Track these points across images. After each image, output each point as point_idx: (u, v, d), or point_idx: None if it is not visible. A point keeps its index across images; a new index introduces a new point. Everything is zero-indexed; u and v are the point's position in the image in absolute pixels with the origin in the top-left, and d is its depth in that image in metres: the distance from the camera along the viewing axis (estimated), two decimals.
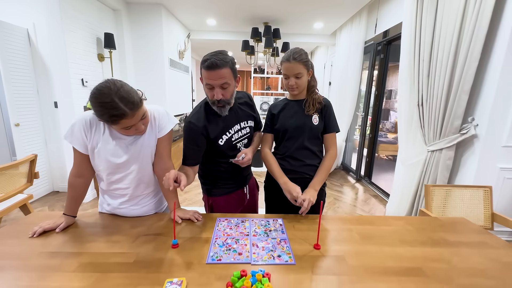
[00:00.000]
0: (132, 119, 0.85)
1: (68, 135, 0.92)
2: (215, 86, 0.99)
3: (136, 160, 0.98)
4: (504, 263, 0.82)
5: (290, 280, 0.72)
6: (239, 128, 1.17)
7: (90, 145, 0.93)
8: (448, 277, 0.75)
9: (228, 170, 1.20)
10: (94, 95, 0.81)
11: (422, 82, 1.99)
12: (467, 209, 1.53)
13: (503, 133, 1.70)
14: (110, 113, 0.81)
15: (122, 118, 0.82)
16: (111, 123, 0.84)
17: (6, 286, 0.67)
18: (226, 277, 0.72)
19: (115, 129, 0.91)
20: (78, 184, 0.99)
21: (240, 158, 1.10)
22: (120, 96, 0.80)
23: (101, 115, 0.83)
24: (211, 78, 0.97)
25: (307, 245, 0.89)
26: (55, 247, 0.85)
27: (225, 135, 1.12)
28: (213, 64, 0.94)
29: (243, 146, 1.20)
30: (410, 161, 2.21)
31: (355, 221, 1.08)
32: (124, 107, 0.81)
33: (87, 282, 0.69)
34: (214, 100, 1.03)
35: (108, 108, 0.80)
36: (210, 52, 0.99)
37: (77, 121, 0.91)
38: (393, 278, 0.74)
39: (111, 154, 0.94)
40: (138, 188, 1.04)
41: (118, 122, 0.83)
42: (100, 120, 0.87)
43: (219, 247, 0.87)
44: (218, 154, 1.16)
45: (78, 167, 0.98)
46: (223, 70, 0.96)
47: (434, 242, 0.94)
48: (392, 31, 2.85)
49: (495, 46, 1.64)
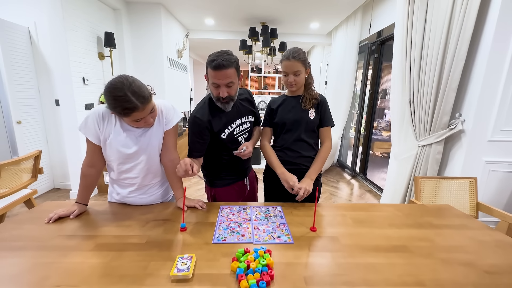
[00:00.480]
0: (142, 112, 0.92)
1: (82, 127, 0.98)
2: (221, 85, 1.05)
3: (145, 150, 1.05)
4: (480, 241, 0.91)
5: (289, 256, 0.80)
6: (240, 122, 1.24)
7: (102, 137, 0.99)
8: (430, 253, 0.83)
9: (229, 162, 1.27)
10: (108, 89, 0.88)
11: (413, 80, 2.09)
12: (454, 199, 1.62)
13: (488, 128, 1.80)
14: (123, 106, 0.88)
15: (133, 111, 0.89)
16: (123, 115, 0.91)
17: (31, 263, 0.74)
18: (231, 254, 0.80)
19: (126, 121, 0.98)
20: (90, 174, 1.06)
21: (242, 151, 1.18)
22: (132, 90, 0.87)
23: (114, 108, 0.90)
24: (218, 78, 1.04)
25: (304, 228, 0.97)
26: (71, 231, 0.92)
27: (227, 129, 1.20)
28: (220, 65, 1.01)
29: (243, 139, 1.28)
30: (403, 156, 2.31)
31: (349, 208, 1.17)
32: (136, 100, 0.88)
33: (104, 259, 0.76)
34: (219, 97, 1.09)
35: (121, 101, 0.87)
36: (216, 52, 1.06)
37: (90, 114, 0.98)
38: (381, 254, 0.82)
39: (122, 145, 1.01)
40: (146, 178, 1.11)
41: (130, 114, 0.90)
42: (112, 112, 0.93)
43: (223, 230, 0.95)
44: (221, 147, 1.23)
45: (90, 158, 1.04)
46: (229, 70, 1.03)
47: (419, 225, 1.02)
48: (385, 31, 2.95)
49: (480, 46, 1.74)
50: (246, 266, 0.72)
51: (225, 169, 1.30)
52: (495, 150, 1.84)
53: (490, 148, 1.84)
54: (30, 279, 0.67)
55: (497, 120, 1.78)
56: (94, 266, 0.73)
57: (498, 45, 1.66)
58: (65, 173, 3.01)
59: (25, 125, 2.69)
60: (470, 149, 1.85)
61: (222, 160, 1.27)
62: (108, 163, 1.08)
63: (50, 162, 3.02)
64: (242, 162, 1.31)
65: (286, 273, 0.72)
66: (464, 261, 0.79)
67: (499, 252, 0.85)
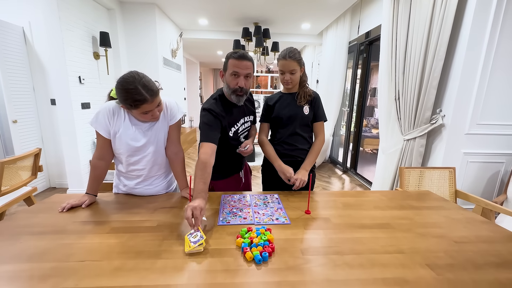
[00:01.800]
0: (151, 105, 0.99)
1: (93, 121, 1.06)
2: (241, 74, 1.13)
3: (152, 143, 1.13)
4: (453, 219, 1.03)
5: (287, 233, 0.90)
6: (243, 121, 1.33)
7: (112, 131, 1.07)
8: (409, 228, 0.95)
9: (230, 159, 1.36)
10: (121, 83, 0.96)
11: (398, 78, 2.23)
12: (436, 187, 1.77)
13: (466, 122, 1.96)
14: (134, 98, 0.95)
15: (143, 103, 0.97)
16: (133, 107, 0.98)
17: (54, 243, 0.81)
18: (235, 233, 0.89)
19: (135, 114, 1.05)
20: (100, 166, 1.13)
21: (244, 149, 1.27)
22: (143, 84, 0.95)
23: (125, 100, 0.97)
24: (240, 67, 1.12)
25: (299, 211, 1.08)
26: (85, 217, 0.99)
27: (234, 127, 1.27)
28: (244, 56, 1.12)
29: (243, 138, 1.37)
30: (390, 150, 2.46)
31: (339, 195, 1.28)
32: (145, 93, 0.95)
33: (121, 239, 0.84)
34: (236, 88, 1.15)
35: (132, 93, 0.94)
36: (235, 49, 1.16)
37: (101, 110, 1.05)
38: (367, 230, 0.93)
39: (131, 138, 1.08)
40: (153, 169, 1.19)
41: (139, 106, 0.97)
42: (122, 105, 1.01)
43: (226, 214, 1.04)
44: (224, 145, 1.28)
45: (100, 151, 1.11)
46: (250, 63, 1.14)
47: (401, 207, 1.15)
48: (373, 32, 3.10)
49: (457, 47, 1.89)
50: (249, 241, 0.81)
51: (224, 164, 1.38)
52: (472, 142, 2.00)
53: (468, 140, 2.00)
54: (56, 256, 0.75)
55: (474, 115, 1.94)
56: (112, 245, 0.81)
57: (473, 46, 1.82)
58: (62, 173, 3.02)
59: (21, 125, 2.69)
60: (449, 142, 2.00)
61: (223, 156, 1.33)
62: (117, 156, 1.15)
63: (46, 161, 3.03)
64: (240, 157, 1.40)
65: (285, 246, 0.82)
66: (437, 234, 0.92)
67: (468, 227, 0.97)
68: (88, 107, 2.88)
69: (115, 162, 1.21)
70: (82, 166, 2.82)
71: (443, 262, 0.76)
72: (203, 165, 1.04)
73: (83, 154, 2.83)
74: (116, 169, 1.22)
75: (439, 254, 0.79)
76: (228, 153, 1.33)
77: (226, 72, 1.17)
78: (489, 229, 0.96)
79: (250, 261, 0.74)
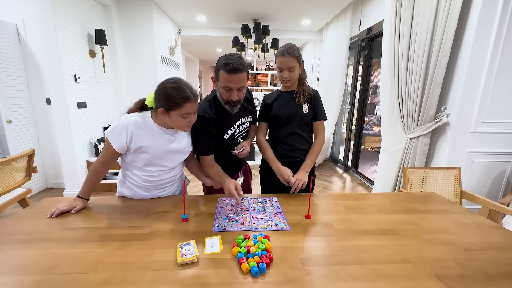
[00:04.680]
0: (193, 106, 0.98)
1: (110, 133, 1.01)
2: (233, 89, 1.06)
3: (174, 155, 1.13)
4: (461, 223, 0.98)
5: (286, 240, 0.86)
6: (241, 123, 1.27)
7: (133, 146, 1.03)
8: (415, 234, 0.90)
9: (227, 161, 1.30)
10: (164, 84, 0.97)
11: (401, 75, 2.17)
12: (440, 188, 1.72)
13: (471, 120, 1.90)
14: (180, 95, 0.94)
15: (187, 102, 0.96)
16: (178, 105, 0.95)
17: (39, 254, 0.76)
18: (231, 241, 0.84)
19: (173, 117, 0.98)
20: (102, 171, 1.09)
21: (240, 151, 1.22)
22: (186, 84, 0.99)
23: (170, 98, 0.94)
24: (232, 81, 1.04)
25: (299, 216, 1.03)
26: (75, 224, 0.94)
27: (230, 130, 1.22)
28: (235, 69, 1.01)
29: (241, 139, 1.31)
30: (392, 149, 2.40)
31: (341, 197, 1.23)
32: (190, 92, 0.97)
33: (110, 248, 0.80)
34: (229, 100, 1.10)
35: (179, 90, 0.95)
36: (227, 54, 1.06)
37: (121, 124, 1.00)
38: (371, 237, 0.88)
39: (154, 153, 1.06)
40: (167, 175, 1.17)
41: (183, 105, 0.95)
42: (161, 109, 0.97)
43: (223, 219, 0.99)
44: (221, 147, 1.24)
45: (107, 158, 1.07)
46: (243, 74, 1.05)
47: (406, 210, 1.10)
48: (375, 28, 3.02)
49: (463, 43, 1.82)
50: (246, 250, 0.76)
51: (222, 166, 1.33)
52: (477, 141, 1.94)
53: (473, 139, 1.94)
54: (39, 268, 0.70)
55: (479, 113, 1.87)
56: (101, 255, 0.76)
57: (479, 41, 1.75)
58: (58, 173, 2.98)
59: (16, 125, 2.65)
60: (454, 141, 1.94)
61: (221, 159, 1.28)
62: (132, 164, 1.11)
63: (42, 161, 2.98)
64: (238, 158, 1.35)
65: (284, 255, 0.77)
66: (446, 240, 0.87)
67: (478, 232, 0.92)
68: (84, 106, 2.82)
69: (124, 167, 1.16)
70: (78, 166, 2.77)
71: (453, 272, 0.71)
72: (209, 167, 1.19)
73: (80, 154, 2.79)
74: (125, 172, 1.16)
75: (448, 264, 0.74)
76: (225, 155, 1.28)
77: (218, 82, 1.10)
78: (500, 235, 0.91)
79: (246, 273, 0.69)
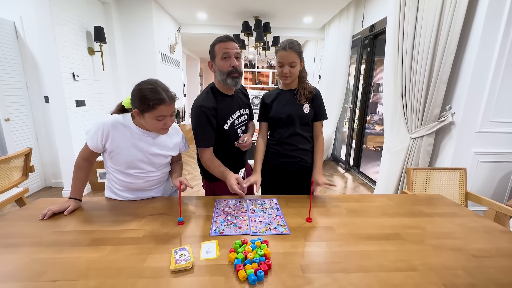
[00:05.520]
0: (168, 108, 0.97)
1: (87, 132, 1.02)
2: (231, 55, 1.11)
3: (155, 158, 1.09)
4: (469, 227, 0.94)
5: (286, 246, 0.82)
6: (239, 114, 1.25)
7: (109, 147, 1.01)
8: (421, 239, 0.86)
9: (228, 155, 1.26)
10: (139, 84, 0.96)
11: (405, 73, 2.11)
12: (445, 189, 1.67)
13: (477, 120, 1.85)
14: (155, 97, 0.93)
15: (161, 104, 0.94)
16: (151, 107, 0.93)
17: (26, 259, 0.73)
18: (229, 245, 0.81)
19: (147, 119, 0.97)
20: (84, 166, 1.07)
21: (243, 141, 1.19)
22: (162, 86, 0.97)
23: (143, 100, 0.93)
24: (229, 47, 1.11)
25: (300, 219, 0.99)
26: (66, 227, 0.91)
27: (229, 120, 1.21)
28: (229, 37, 1.12)
29: (241, 132, 1.28)
30: (395, 148, 2.35)
31: (343, 199, 1.19)
32: (165, 95, 0.95)
33: (102, 253, 0.76)
34: (231, 69, 1.12)
35: (154, 92, 0.94)
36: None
37: (100, 124, 0.99)
38: (374, 242, 0.84)
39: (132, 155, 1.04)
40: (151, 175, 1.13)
41: (157, 107, 0.94)
42: (136, 111, 0.97)
43: (220, 223, 0.96)
44: (221, 140, 1.22)
45: (88, 154, 1.05)
46: (236, 44, 1.14)
47: (411, 213, 1.06)
48: (378, 25, 2.96)
49: (470, 40, 1.77)
50: (243, 256, 0.73)
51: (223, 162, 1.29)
52: (483, 141, 1.89)
53: (479, 139, 1.89)
54: (26, 275, 0.67)
55: (486, 112, 1.82)
56: (92, 260, 0.73)
57: (486, 38, 1.70)
58: (57, 172, 2.95)
59: (14, 123, 2.62)
60: (459, 141, 1.90)
61: (221, 154, 1.25)
62: (113, 167, 1.09)
63: (41, 160, 2.96)
64: (240, 154, 1.31)
65: (283, 262, 0.73)
66: (453, 246, 0.82)
67: (486, 237, 0.88)
68: (83, 105, 2.79)
69: (108, 174, 1.14)
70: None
71: (462, 281, 0.67)
72: (210, 161, 1.17)
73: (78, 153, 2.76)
74: (110, 174, 1.14)
75: (457, 272, 0.70)
76: (226, 150, 1.26)
77: (215, 59, 1.15)
78: (510, 240, 0.87)
79: (243, 281, 0.66)
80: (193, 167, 3.91)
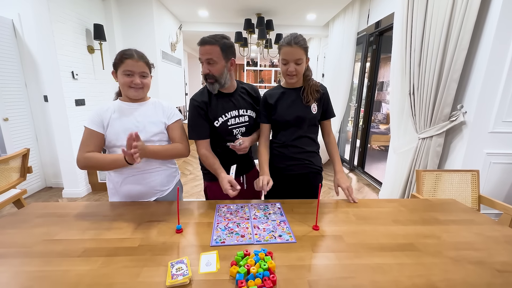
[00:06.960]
0: (135, 64, 1.02)
1: (87, 120, 1.08)
2: (203, 61, 1.08)
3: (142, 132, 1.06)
4: (488, 237, 0.87)
5: (291, 257, 0.76)
6: (237, 114, 1.18)
7: (105, 123, 1.06)
8: (438, 250, 0.80)
9: (223, 156, 1.20)
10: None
11: (413, 71, 2.03)
12: (456, 192, 1.60)
13: (490, 119, 1.77)
14: (124, 52, 1.03)
15: (128, 58, 1.02)
16: (120, 61, 1.02)
17: (12, 272, 0.68)
18: (230, 257, 0.75)
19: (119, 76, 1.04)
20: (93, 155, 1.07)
21: (237, 144, 1.12)
22: (136, 50, 1.06)
23: (115, 59, 1.04)
24: (200, 52, 1.08)
25: (306, 227, 0.93)
26: (57, 234, 0.86)
27: (221, 118, 1.16)
28: (202, 41, 1.06)
29: (240, 133, 1.22)
30: (402, 149, 2.27)
31: (351, 204, 1.13)
32: (134, 52, 1.04)
33: (93, 265, 0.71)
34: (204, 75, 1.11)
35: (125, 50, 1.04)
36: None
37: (95, 110, 1.08)
38: (387, 253, 0.78)
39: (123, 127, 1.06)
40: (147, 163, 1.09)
41: (124, 61, 1.01)
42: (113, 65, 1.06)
43: (221, 231, 0.90)
44: (215, 137, 1.19)
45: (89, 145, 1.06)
46: (209, 47, 1.05)
47: (425, 221, 0.99)
48: (384, 21, 2.88)
49: (483, 36, 1.69)
50: (246, 271, 0.67)
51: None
52: (496, 141, 1.81)
53: (492, 139, 1.81)
54: None
55: (499, 111, 1.74)
56: (82, 274, 0.67)
57: (501, 34, 1.61)
58: (57, 172, 2.92)
59: (13, 122, 2.58)
60: (471, 141, 1.82)
61: (216, 151, 1.20)
62: (113, 149, 1.08)
63: (41, 160, 2.92)
64: (238, 158, 1.24)
65: (289, 277, 0.67)
66: (474, 259, 0.76)
67: (509, 249, 0.81)
68: (83, 104, 2.75)
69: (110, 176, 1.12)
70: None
71: None
72: (205, 157, 1.15)
73: None
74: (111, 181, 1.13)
75: None
76: (220, 149, 1.21)
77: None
78: None
79: None
80: (194, 167, 3.86)
